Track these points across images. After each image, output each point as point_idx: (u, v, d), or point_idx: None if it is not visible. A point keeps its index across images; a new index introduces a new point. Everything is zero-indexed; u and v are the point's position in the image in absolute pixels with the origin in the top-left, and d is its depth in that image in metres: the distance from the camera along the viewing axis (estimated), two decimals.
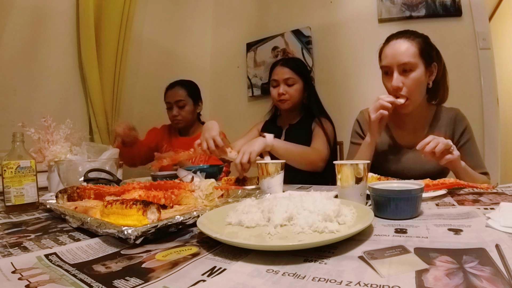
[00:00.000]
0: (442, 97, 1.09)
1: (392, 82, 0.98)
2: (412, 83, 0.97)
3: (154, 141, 1.74)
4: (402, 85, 0.97)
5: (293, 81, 1.35)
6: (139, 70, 2.20)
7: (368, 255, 0.39)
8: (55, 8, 1.71)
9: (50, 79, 1.70)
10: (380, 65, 1.05)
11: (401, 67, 0.97)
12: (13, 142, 0.83)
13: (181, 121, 1.66)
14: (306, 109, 1.43)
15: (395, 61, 0.97)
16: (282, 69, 1.36)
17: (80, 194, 0.76)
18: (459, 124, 1.04)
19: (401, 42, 0.98)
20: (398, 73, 0.98)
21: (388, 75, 1.02)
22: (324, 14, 2.21)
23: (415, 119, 1.08)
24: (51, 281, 0.36)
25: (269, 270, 0.37)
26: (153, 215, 0.53)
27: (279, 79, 1.36)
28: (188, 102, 1.66)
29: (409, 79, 0.97)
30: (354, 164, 0.67)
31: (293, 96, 1.36)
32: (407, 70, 0.97)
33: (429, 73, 1.01)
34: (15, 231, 0.60)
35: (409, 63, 0.96)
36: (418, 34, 1.00)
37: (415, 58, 0.96)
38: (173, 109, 1.64)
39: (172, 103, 1.64)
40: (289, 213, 0.52)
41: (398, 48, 0.98)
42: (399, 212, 0.57)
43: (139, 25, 2.16)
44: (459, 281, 0.31)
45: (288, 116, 1.45)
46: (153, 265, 0.40)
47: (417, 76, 0.97)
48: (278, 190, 0.87)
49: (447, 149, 0.80)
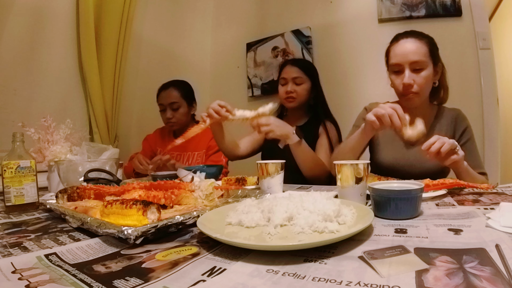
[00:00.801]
0: (442, 97, 1.10)
1: (404, 79, 0.99)
2: (423, 81, 0.99)
3: (149, 150, 1.71)
4: (413, 83, 0.99)
5: (301, 80, 1.36)
6: (139, 70, 2.19)
7: (368, 255, 0.39)
8: (55, 8, 1.71)
9: (50, 79, 1.70)
10: (388, 64, 1.06)
11: (412, 65, 0.99)
12: (13, 142, 0.83)
13: (175, 123, 1.63)
14: (312, 110, 1.43)
15: (407, 59, 0.99)
16: (291, 68, 1.38)
17: (80, 194, 0.76)
18: (460, 123, 1.06)
19: (411, 41, 1.00)
20: (410, 71, 0.99)
21: (397, 74, 1.03)
22: (324, 14, 2.21)
23: (419, 117, 1.08)
24: (51, 281, 0.36)
25: (269, 270, 0.37)
26: (153, 215, 0.53)
27: (288, 78, 1.37)
28: (182, 104, 1.62)
29: (420, 77, 0.99)
30: (354, 164, 0.67)
31: (300, 95, 1.37)
32: (417, 69, 0.99)
33: (435, 72, 1.03)
34: (15, 231, 0.60)
35: (420, 62, 0.98)
36: (425, 35, 1.03)
37: (426, 57, 0.99)
38: (167, 111, 1.60)
39: (166, 105, 1.60)
40: (289, 213, 0.52)
41: (409, 47, 1.00)
42: (399, 212, 0.57)
43: (139, 25, 2.16)
44: (459, 281, 0.31)
45: (295, 116, 1.45)
46: (153, 265, 0.40)
47: (427, 74, 0.99)
48: (278, 190, 0.87)
49: (453, 149, 0.80)
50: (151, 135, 1.78)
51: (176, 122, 1.63)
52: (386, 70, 1.10)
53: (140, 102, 2.19)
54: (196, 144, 1.65)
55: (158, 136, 1.75)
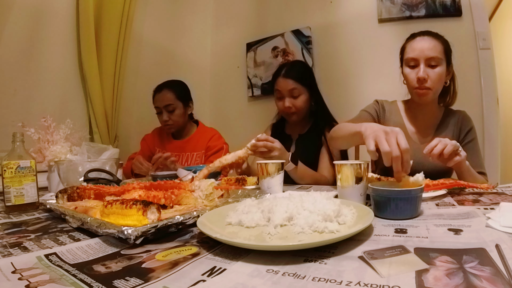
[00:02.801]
0: (450, 99, 1.14)
1: (420, 73, 1.02)
2: (436, 77, 1.02)
3: (148, 150, 1.70)
4: (427, 77, 1.02)
5: (298, 92, 1.30)
6: (139, 70, 2.19)
7: (368, 255, 0.39)
8: (55, 8, 1.71)
9: (50, 79, 1.69)
10: (404, 58, 1.08)
11: (428, 61, 1.02)
12: (13, 142, 0.83)
13: (172, 126, 1.61)
14: (314, 115, 1.40)
15: (424, 54, 1.02)
16: (285, 81, 1.30)
17: (80, 194, 0.76)
18: (465, 124, 1.10)
19: (428, 39, 1.04)
20: (425, 66, 1.02)
21: (412, 68, 1.06)
22: (324, 14, 2.21)
23: (427, 116, 1.13)
24: (51, 281, 0.36)
25: (269, 270, 0.37)
26: (153, 215, 0.53)
27: (283, 91, 1.31)
28: (177, 105, 1.58)
29: (434, 72, 1.02)
30: (354, 164, 0.67)
31: (300, 108, 1.32)
32: (432, 65, 1.02)
33: (448, 72, 1.07)
34: (15, 231, 0.60)
35: (436, 58, 1.01)
36: (441, 36, 1.07)
37: (441, 55, 1.02)
38: (163, 114, 1.58)
39: (161, 107, 1.58)
40: (289, 213, 0.52)
41: (426, 43, 1.03)
42: (399, 212, 0.57)
43: (139, 25, 2.16)
44: (459, 281, 0.31)
45: (296, 125, 1.42)
46: (153, 265, 0.40)
47: (441, 71, 1.03)
48: (278, 190, 0.87)
49: (455, 151, 0.81)
50: (149, 135, 1.76)
51: (173, 124, 1.60)
52: (399, 67, 1.14)
53: (140, 102, 2.19)
54: (194, 145, 1.65)
55: (156, 136, 1.74)
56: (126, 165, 1.64)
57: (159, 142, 1.71)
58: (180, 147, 1.65)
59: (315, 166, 1.32)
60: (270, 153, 1.01)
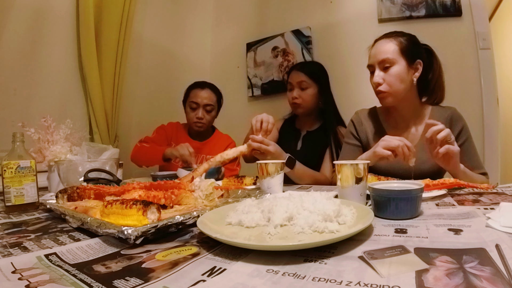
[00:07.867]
0: (438, 96, 1.09)
1: (373, 79, 1.03)
2: (391, 78, 1.01)
3: (165, 138, 1.67)
4: (382, 82, 1.02)
5: (307, 85, 1.36)
6: (139, 70, 2.19)
7: (368, 255, 0.39)
8: (55, 8, 1.71)
9: (50, 79, 1.69)
10: (366, 66, 1.09)
11: (381, 64, 1.02)
12: (13, 142, 0.83)
13: (204, 125, 1.62)
14: (323, 115, 1.42)
15: (376, 59, 1.03)
16: (297, 73, 1.38)
17: (80, 194, 0.76)
18: (456, 124, 1.02)
19: (382, 42, 1.05)
20: (380, 70, 1.03)
21: (372, 75, 1.06)
22: (324, 14, 2.21)
23: (407, 117, 1.09)
24: (51, 281, 0.36)
25: (269, 270, 0.37)
26: (153, 215, 0.53)
27: (294, 83, 1.38)
28: (215, 108, 1.64)
29: (388, 74, 1.01)
30: (354, 164, 0.67)
31: (306, 101, 1.36)
32: (386, 67, 1.02)
33: (413, 70, 1.03)
34: (15, 231, 0.60)
35: (387, 59, 1.01)
36: (402, 34, 1.05)
37: (394, 55, 1.01)
38: (199, 110, 1.58)
39: (201, 104, 1.59)
40: (289, 213, 0.52)
41: (379, 47, 1.04)
42: (399, 212, 0.57)
43: (139, 25, 2.16)
44: (459, 281, 0.31)
45: (306, 119, 1.45)
46: (153, 265, 0.40)
47: (397, 71, 1.01)
48: (278, 190, 0.87)
49: (447, 140, 0.81)
50: (168, 126, 1.74)
51: (206, 124, 1.62)
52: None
53: (140, 102, 2.19)
54: (211, 148, 1.64)
55: (174, 129, 1.72)
56: (139, 148, 1.57)
57: (175, 137, 1.69)
58: (197, 147, 1.64)
59: (318, 164, 1.32)
60: (263, 155, 1.03)
